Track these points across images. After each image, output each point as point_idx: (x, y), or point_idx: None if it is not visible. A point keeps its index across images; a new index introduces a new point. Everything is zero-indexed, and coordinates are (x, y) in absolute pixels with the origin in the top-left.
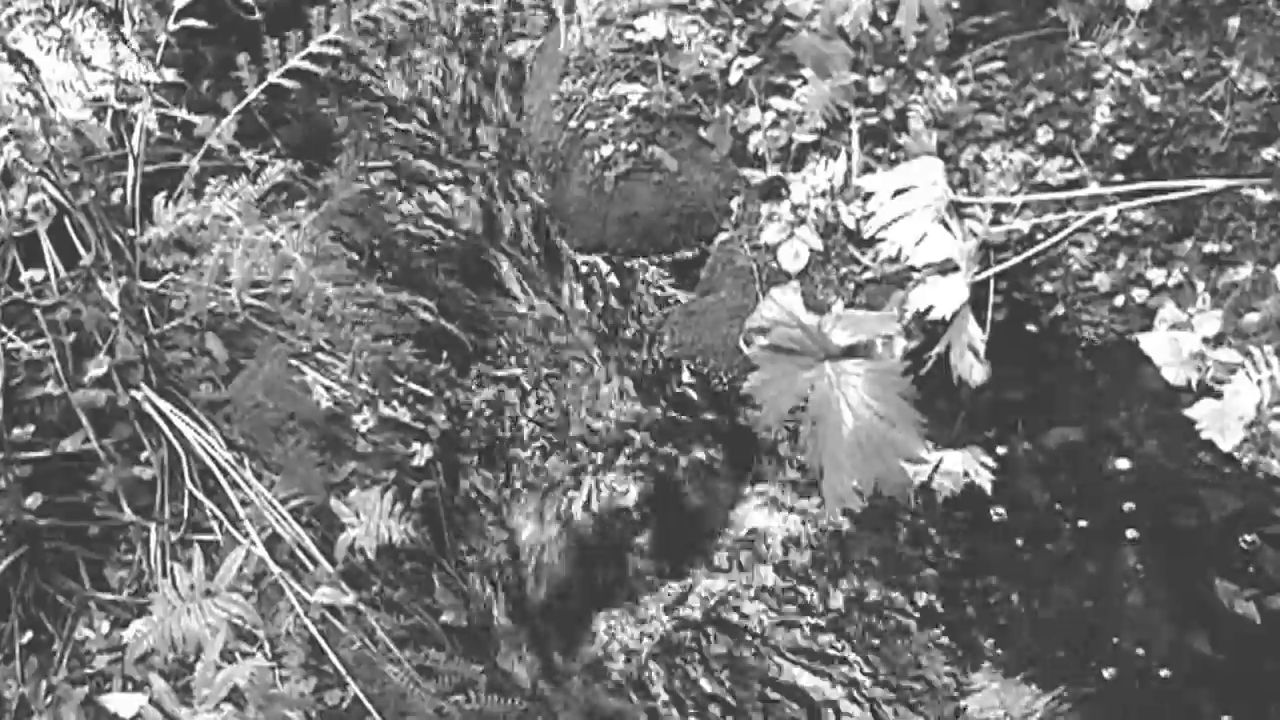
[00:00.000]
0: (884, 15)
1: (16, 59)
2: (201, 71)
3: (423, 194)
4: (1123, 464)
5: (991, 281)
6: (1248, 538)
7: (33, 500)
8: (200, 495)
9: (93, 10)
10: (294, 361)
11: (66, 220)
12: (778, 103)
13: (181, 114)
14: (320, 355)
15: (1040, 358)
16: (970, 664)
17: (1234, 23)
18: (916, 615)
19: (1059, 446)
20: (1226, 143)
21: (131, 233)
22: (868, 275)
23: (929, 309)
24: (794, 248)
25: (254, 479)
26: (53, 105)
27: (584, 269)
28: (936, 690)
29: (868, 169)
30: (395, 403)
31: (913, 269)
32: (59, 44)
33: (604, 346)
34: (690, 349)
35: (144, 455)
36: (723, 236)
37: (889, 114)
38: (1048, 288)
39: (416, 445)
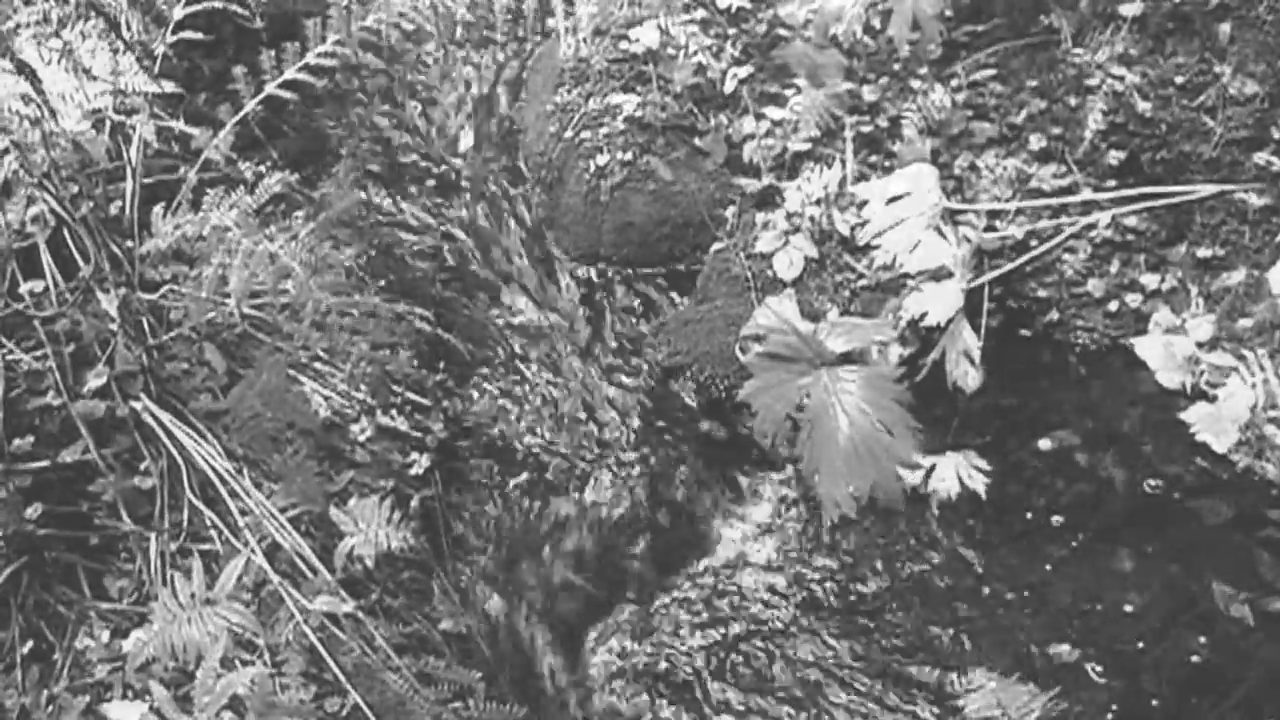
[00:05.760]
0: (877, 24)
1: (23, 69)
2: (199, 84)
3: (419, 204)
4: (1117, 471)
5: (986, 288)
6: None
7: (33, 510)
8: (200, 505)
9: (93, 21)
10: (292, 371)
11: (65, 232)
12: (772, 111)
13: (179, 126)
14: (318, 365)
15: (1035, 363)
16: (968, 664)
17: (1225, 28)
18: (914, 616)
19: (1054, 451)
20: (1219, 148)
21: (130, 244)
22: (863, 282)
23: (924, 315)
24: (789, 256)
25: (253, 488)
26: (53, 116)
27: (580, 278)
28: (934, 690)
29: (862, 177)
30: (393, 412)
31: (907, 276)
32: (60, 55)
33: (600, 355)
34: (686, 357)
35: (143, 465)
36: (718, 245)
37: (883, 122)
38: (1042, 293)
39: (414, 454)
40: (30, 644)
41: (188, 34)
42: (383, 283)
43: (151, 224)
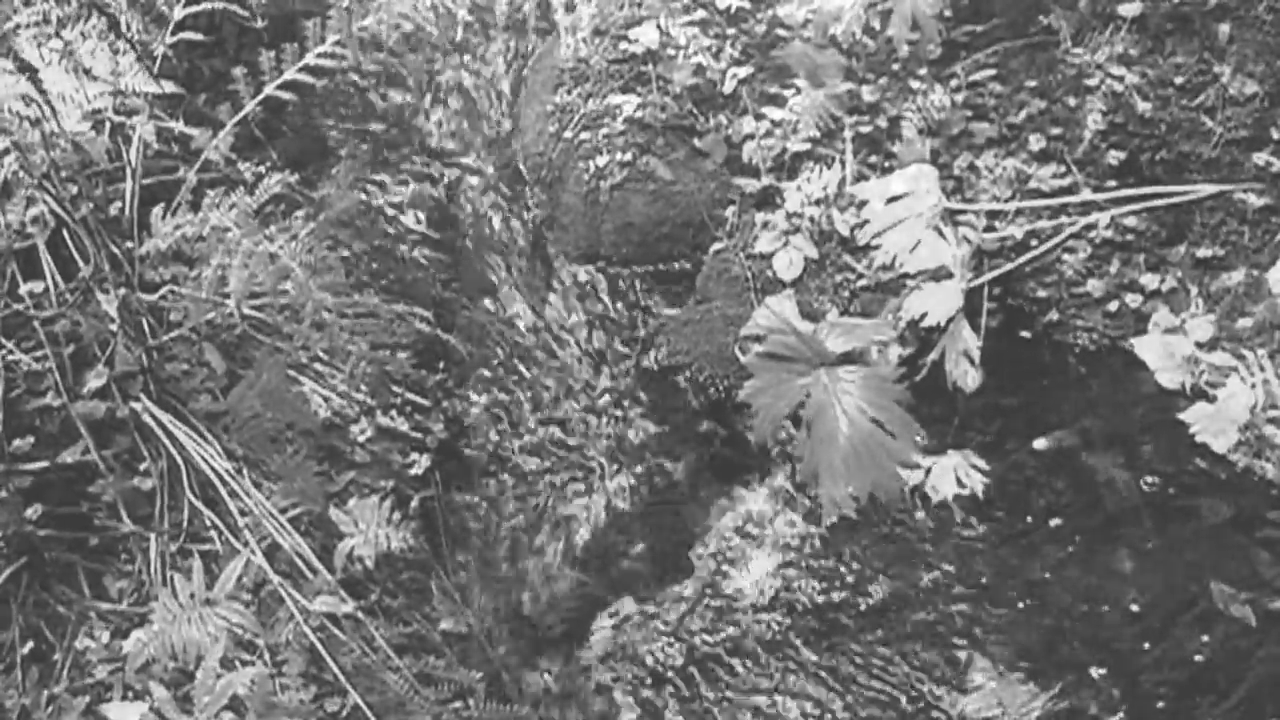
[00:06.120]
0: (876, 24)
1: (23, 69)
2: (199, 84)
3: (419, 204)
4: (1117, 471)
5: (985, 288)
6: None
7: (33, 511)
8: (199, 505)
9: (94, 21)
10: (292, 372)
11: (65, 232)
12: (771, 112)
13: (179, 126)
14: (318, 365)
15: (1034, 363)
16: (968, 664)
17: (1224, 29)
18: (913, 616)
19: (1053, 451)
20: (1218, 148)
21: (130, 245)
22: (862, 283)
23: (923, 316)
24: (788, 256)
25: (253, 489)
26: (54, 117)
27: (579, 279)
28: (935, 689)
29: (861, 177)
30: (393, 412)
31: (907, 276)
32: (60, 55)
33: (599, 356)
34: (686, 357)
35: (143, 466)
36: (717, 245)
37: (882, 122)
38: (1041, 294)
39: (414, 455)
40: (30, 644)
41: (188, 34)
42: (383, 283)
43: (151, 224)
